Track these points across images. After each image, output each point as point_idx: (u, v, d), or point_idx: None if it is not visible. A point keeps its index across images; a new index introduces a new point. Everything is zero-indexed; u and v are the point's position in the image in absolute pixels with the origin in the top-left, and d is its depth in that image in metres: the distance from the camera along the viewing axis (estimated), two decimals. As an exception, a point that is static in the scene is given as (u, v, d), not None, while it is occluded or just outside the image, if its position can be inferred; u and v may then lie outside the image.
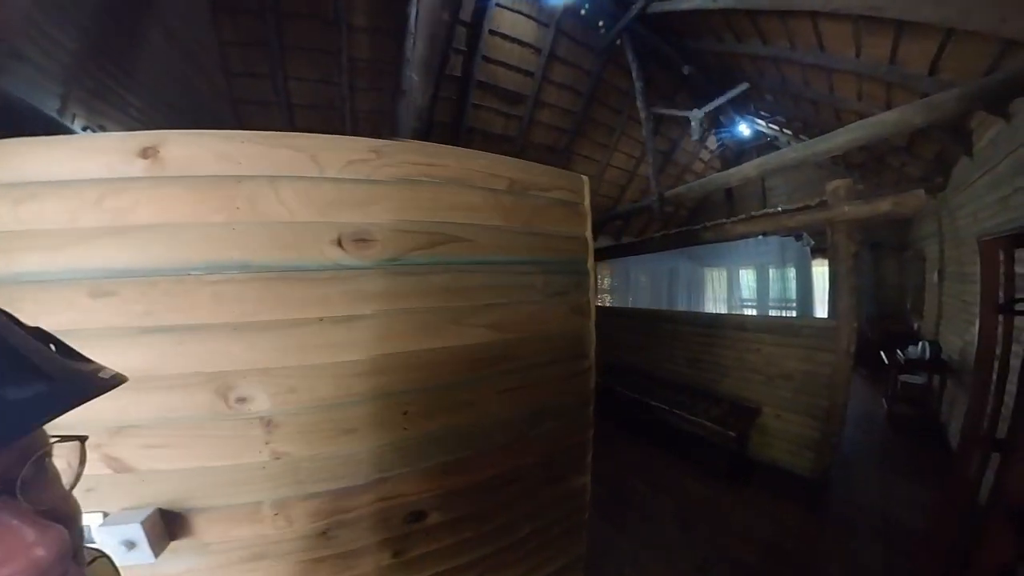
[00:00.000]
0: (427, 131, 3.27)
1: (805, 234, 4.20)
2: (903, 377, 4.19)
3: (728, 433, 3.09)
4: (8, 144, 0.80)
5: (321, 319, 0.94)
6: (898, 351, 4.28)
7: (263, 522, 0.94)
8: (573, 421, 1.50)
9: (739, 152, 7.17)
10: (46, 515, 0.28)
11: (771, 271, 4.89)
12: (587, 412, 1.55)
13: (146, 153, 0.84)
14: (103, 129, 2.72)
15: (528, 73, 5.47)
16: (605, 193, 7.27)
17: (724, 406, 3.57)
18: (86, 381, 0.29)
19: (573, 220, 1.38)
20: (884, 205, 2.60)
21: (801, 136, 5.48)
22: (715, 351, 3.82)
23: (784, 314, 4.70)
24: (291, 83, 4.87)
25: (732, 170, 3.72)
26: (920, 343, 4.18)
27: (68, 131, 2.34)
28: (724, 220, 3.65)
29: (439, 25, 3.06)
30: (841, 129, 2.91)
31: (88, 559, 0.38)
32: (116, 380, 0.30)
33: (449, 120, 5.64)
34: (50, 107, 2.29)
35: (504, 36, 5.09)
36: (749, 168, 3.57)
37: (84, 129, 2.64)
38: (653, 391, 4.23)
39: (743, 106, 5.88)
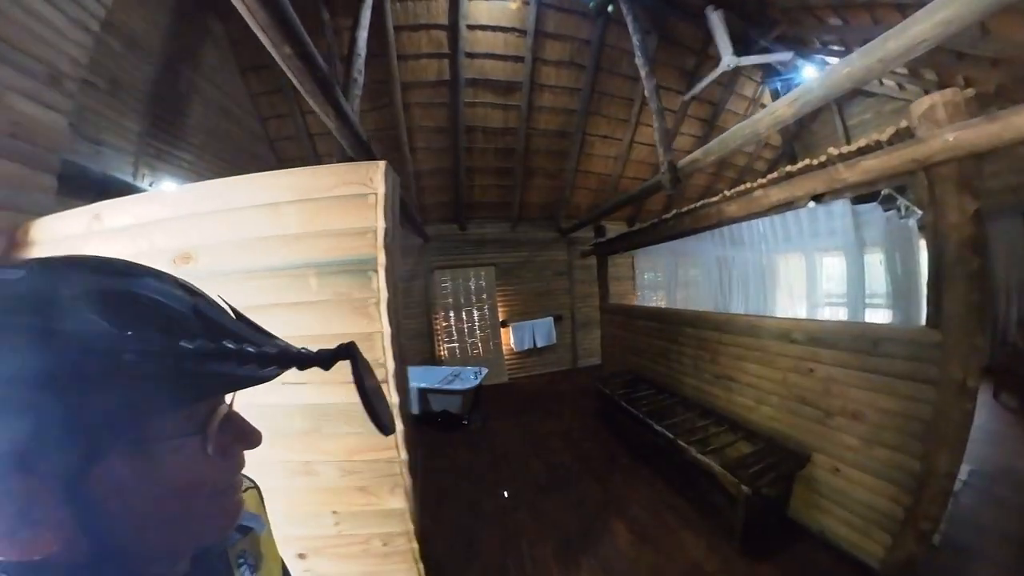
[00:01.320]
0: (359, 144, 2.68)
1: (905, 201, 2.61)
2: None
3: (741, 488, 1.93)
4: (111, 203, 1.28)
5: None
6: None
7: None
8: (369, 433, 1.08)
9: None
10: None
11: (867, 255, 3.20)
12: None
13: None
14: (164, 183, 3.30)
15: (518, 59, 4.57)
16: (634, 175, 5.97)
17: (758, 444, 2.35)
18: (293, 352, 0.36)
19: (360, 213, 1.22)
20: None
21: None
22: (750, 367, 2.57)
23: (888, 317, 2.88)
24: (308, 117, 4.86)
25: (759, 115, 2.42)
26: None
27: (139, 190, 2.85)
28: (750, 185, 2.40)
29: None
30: (930, 5, 1.55)
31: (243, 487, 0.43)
32: (308, 355, 0.36)
33: (447, 124, 5.01)
34: (126, 172, 2.93)
35: (483, 27, 4.34)
36: (782, 106, 2.25)
37: (151, 185, 3.18)
38: (666, 412, 3.09)
39: (800, 42, 4.19)
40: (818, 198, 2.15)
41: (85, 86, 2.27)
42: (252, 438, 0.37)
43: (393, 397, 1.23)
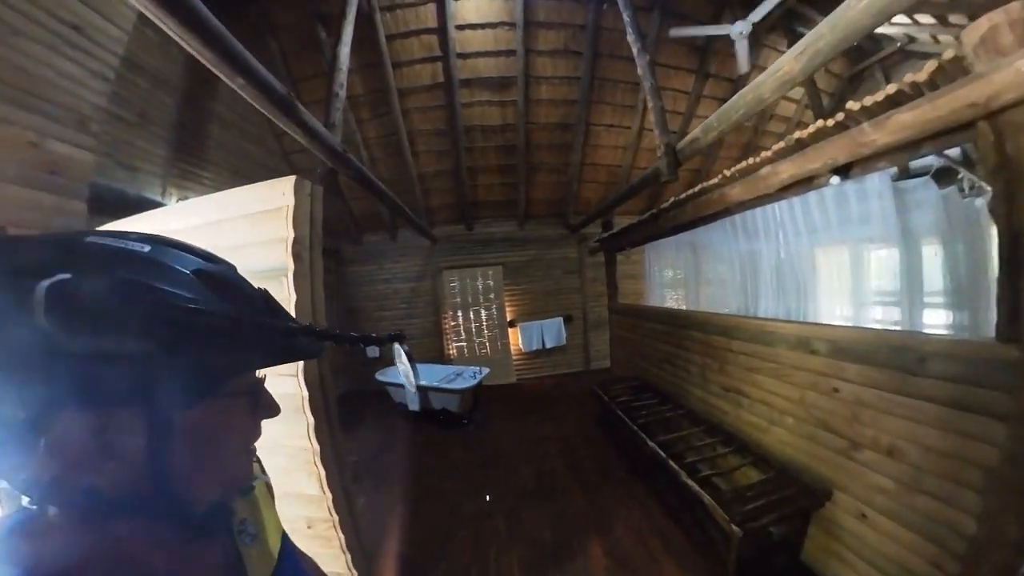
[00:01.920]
0: (335, 156, 2.52)
1: (969, 175, 1.96)
2: None
3: (732, 528, 1.49)
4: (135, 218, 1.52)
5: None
6: None
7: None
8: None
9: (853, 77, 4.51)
10: None
11: (916, 246, 2.40)
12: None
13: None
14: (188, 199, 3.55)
15: (510, 53, 4.22)
16: (647, 164, 5.37)
17: (768, 472, 1.88)
18: (354, 334, 0.44)
19: (274, 225, 1.30)
20: None
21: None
22: (761, 380, 2.09)
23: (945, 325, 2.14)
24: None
25: (761, 76, 1.92)
26: None
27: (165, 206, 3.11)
28: (753, 160, 1.92)
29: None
30: None
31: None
32: (366, 335, 0.47)
33: (445, 126, 4.77)
34: (156, 192, 3.21)
35: (472, 26, 4.07)
36: (788, 61, 1.73)
37: (176, 202, 3.35)
38: (668, 425, 2.66)
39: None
40: (843, 172, 1.65)
41: (119, 121, 2.79)
42: (275, 409, 0.43)
43: (303, 391, 1.31)
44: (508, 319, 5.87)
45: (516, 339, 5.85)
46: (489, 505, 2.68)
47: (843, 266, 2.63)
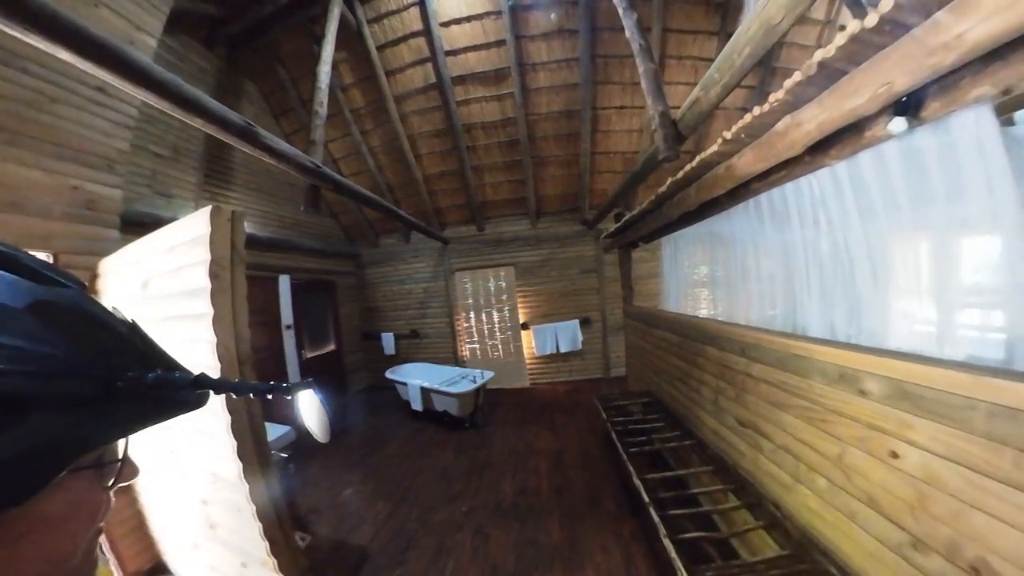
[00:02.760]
0: (307, 172, 2.32)
1: None
2: None
3: None
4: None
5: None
6: None
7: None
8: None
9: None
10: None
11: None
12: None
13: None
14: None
15: (499, 42, 3.76)
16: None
17: (785, 547, 1.25)
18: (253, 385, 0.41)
19: (197, 250, 1.37)
20: None
21: None
22: (787, 420, 1.43)
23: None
24: (330, 144, 4.89)
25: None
26: None
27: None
28: (761, 109, 1.28)
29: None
30: None
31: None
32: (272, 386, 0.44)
33: (444, 127, 4.44)
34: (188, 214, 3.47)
35: (457, 21, 3.70)
36: None
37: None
38: (671, 456, 2.06)
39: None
40: (908, 110, 0.99)
41: (156, 157, 3.23)
42: (135, 472, 0.33)
43: (225, 415, 1.34)
44: (521, 321, 5.41)
45: (530, 342, 5.37)
46: (461, 517, 2.41)
47: (916, 263, 1.72)
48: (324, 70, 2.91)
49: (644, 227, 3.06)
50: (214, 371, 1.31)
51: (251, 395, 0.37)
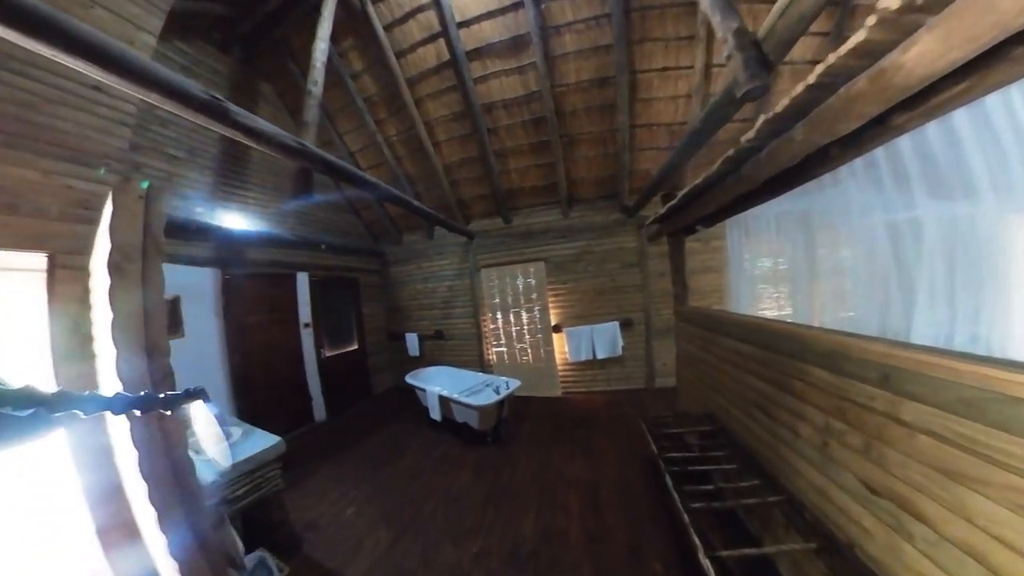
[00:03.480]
0: (291, 151, 2.08)
1: None
2: None
3: None
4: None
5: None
6: None
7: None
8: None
9: None
10: None
11: None
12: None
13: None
14: (230, 218, 3.92)
15: (516, 5, 3.33)
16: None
17: None
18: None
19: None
20: None
21: None
22: (969, 503, 0.85)
23: None
24: (345, 137, 4.92)
25: None
26: None
27: (213, 226, 3.51)
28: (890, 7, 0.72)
29: None
30: None
31: None
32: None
33: (462, 108, 4.11)
34: (204, 215, 3.60)
35: None
36: None
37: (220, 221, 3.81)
38: (742, 516, 1.48)
39: None
40: None
41: (172, 160, 3.35)
42: None
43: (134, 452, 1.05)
44: (552, 323, 4.93)
45: (562, 346, 4.87)
46: (471, 561, 2.05)
47: None
48: (320, 47, 2.71)
49: (705, 205, 2.44)
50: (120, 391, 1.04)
51: (111, 413, 0.31)
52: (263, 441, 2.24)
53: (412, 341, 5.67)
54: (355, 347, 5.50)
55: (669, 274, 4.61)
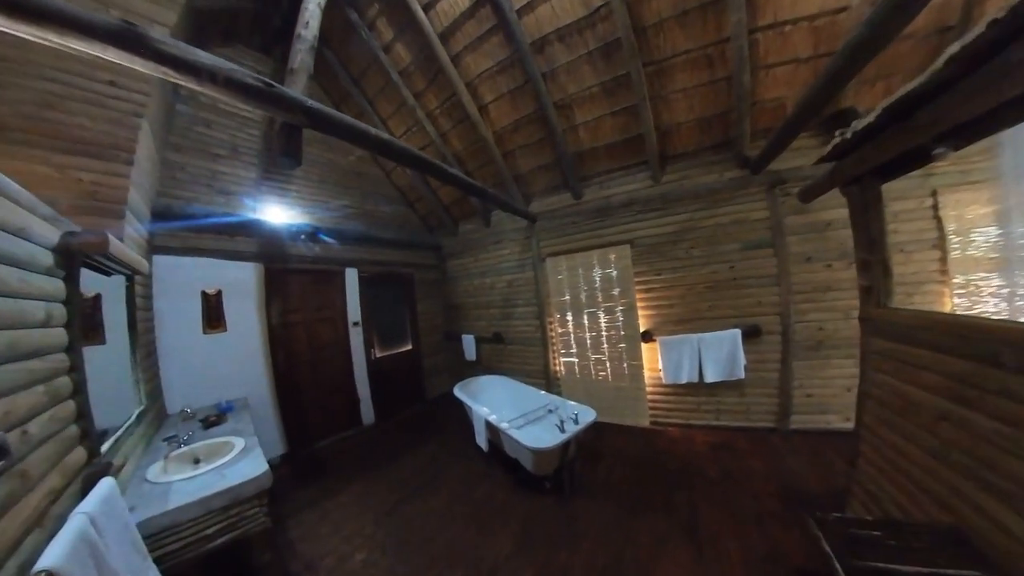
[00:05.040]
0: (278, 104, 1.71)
1: None
2: None
3: None
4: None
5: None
6: None
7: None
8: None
9: None
10: None
11: None
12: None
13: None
14: (272, 212, 4.04)
15: None
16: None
17: None
18: None
19: None
20: None
21: None
22: None
23: None
24: (389, 122, 4.73)
25: None
26: None
27: (257, 221, 3.78)
28: None
29: None
30: None
31: None
32: None
33: (509, 52, 3.37)
34: (249, 211, 3.76)
35: None
36: None
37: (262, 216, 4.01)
38: None
39: None
40: None
41: (215, 158, 3.52)
42: None
43: None
44: (641, 329, 3.88)
45: (654, 360, 3.80)
46: None
47: None
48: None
49: (951, 110, 1.24)
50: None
51: None
52: (249, 469, 1.91)
53: (468, 344, 5.24)
54: (409, 348, 5.34)
55: (820, 255, 3.18)
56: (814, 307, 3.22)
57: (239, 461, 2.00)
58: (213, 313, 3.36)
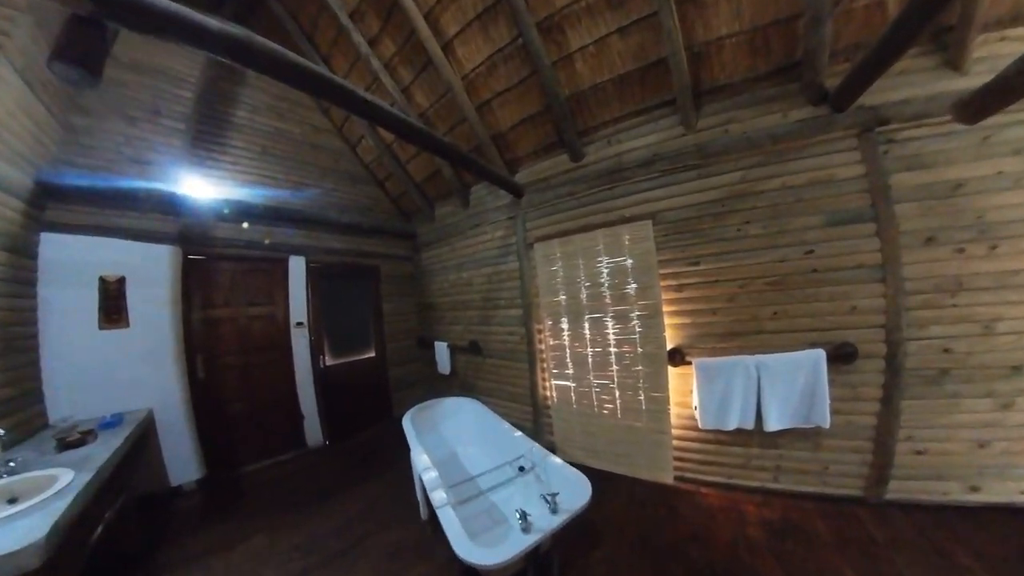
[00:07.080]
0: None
1: None
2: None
3: None
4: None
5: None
6: None
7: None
8: None
9: None
10: None
11: None
12: None
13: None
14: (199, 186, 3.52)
15: None
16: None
17: None
18: None
19: None
20: None
21: None
22: None
23: None
24: (336, 66, 3.85)
25: None
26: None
27: (178, 196, 3.31)
28: None
29: None
30: None
31: None
32: None
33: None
34: (171, 183, 3.30)
35: None
36: None
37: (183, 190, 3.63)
38: None
39: None
40: None
41: (133, 121, 3.16)
42: None
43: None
44: (668, 346, 2.90)
45: (687, 392, 2.83)
46: None
47: None
48: None
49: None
50: None
51: None
52: (18, 533, 1.23)
53: (442, 353, 4.45)
54: (372, 355, 4.67)
55: (958, 234, 2.16)
56: (937, 316, 2.19)
57: (28, 515, 1.40)
58: (112, 305, 2.95)
